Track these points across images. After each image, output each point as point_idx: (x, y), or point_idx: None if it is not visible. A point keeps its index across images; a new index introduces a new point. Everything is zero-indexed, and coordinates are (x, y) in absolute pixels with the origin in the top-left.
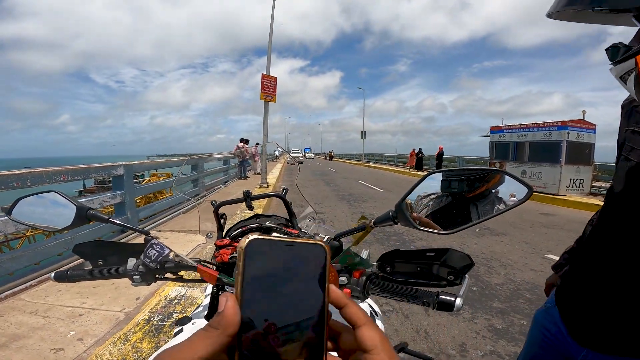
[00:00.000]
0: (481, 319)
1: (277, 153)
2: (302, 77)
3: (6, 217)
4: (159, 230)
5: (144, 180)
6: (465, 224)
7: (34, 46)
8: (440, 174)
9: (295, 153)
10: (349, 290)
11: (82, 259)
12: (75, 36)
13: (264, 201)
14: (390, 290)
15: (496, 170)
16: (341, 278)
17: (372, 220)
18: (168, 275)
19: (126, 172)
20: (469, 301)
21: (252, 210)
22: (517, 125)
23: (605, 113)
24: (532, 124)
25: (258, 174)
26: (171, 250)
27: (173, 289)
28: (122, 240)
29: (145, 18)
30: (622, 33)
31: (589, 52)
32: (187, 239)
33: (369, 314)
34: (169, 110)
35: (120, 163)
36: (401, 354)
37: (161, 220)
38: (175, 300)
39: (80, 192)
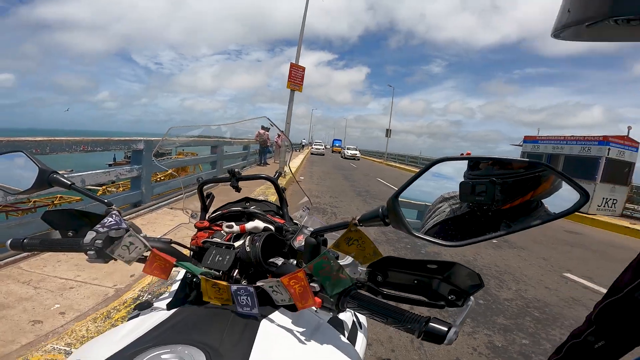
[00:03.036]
0: (482, 334)
1: (304, 142)
2: (328, 70)
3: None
4: (171, 208)
5: (171, 158)
6: (482, 235)
7: (79, 27)
8: (458, 167)
9: (317, 145)
10: (319, 300)
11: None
12: (116, 19)
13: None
14: (370, 306)
15: (542, 165)
16: (312, 285)
17: (358, 217)
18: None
19: (146, 147)
20: (472, 314)
21: (239, 191)
22: (554, 136)
23: None
24: (570, 136)
25: (277, 162)
26: (129, 228)
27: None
28: (128, 218)
29: (180, 4)
30: None
31: (633, 65)
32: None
33: (350, 325)
34: (200, 94)
35: (141, 138)
36: None
37: (175, 198)
38: (169, 281)
39: (109, 164)
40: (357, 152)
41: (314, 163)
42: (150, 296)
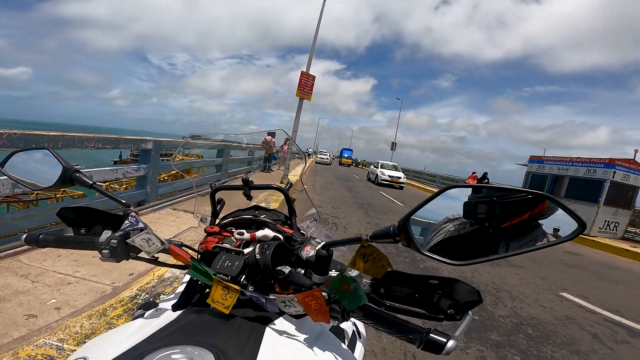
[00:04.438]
0: (474, 349)
1: (309, 151)
2: (334, 80)
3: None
4: (174, 209)
5: (173, 162)
6: (485, 256)
7: (97, 25)
8: (464, 191)
9: (322, 155)
10: (327, 309)
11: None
12: (133, 19)
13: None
14: (375, 317)
15: (541, 195)
16: (323, 294)
17: (369, 235)
18: (142, 255)
19: (154, 147)
20: (467, 330)
21: (250, 200)
22: (560, 157)
23: None
24: (577, 157)
25: (281, 169)
26: (146, 226)
27: (169, 270)
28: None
29: (196, 8)
30: None
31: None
32: (196, 222)
33: (350, 334)
34: (209, 96)
35: (150, 138)
36: None
37: (180, 199)
38: (168, 282)
39: (115, 161)
40: (402, 175)
41: (317, 173)
42: (148, 296)
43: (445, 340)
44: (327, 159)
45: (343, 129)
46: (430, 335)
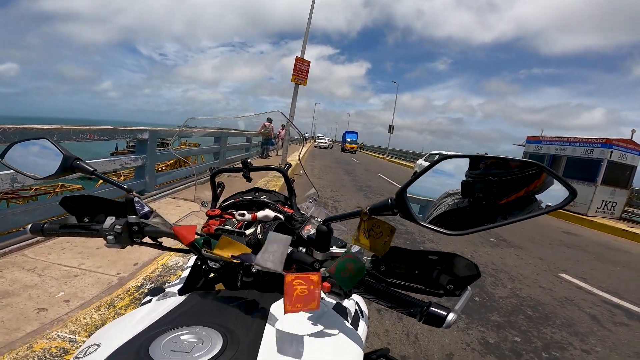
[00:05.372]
0: (475, 330)
1: (307, 136)
2: (328, 64)
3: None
4: (174, 198)
5: (177, 148)
6: (481, 225)
7: (82, 19)
8: (461, 167)
9: (321, 139)
10: (328, 285)
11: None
12: (117, 11)
13: (279, 180)
14: (376, 291)
15: (535, 164)
16: (322, 269)
17: (368, 207)
18: (146, 240)
19: (151, 137)
20: (467, 311)
21: (250, 181)
22: (558, 137)
23: None
24: (574, 138)
25: (279, 155)
26: (152, 210)
27: (172, 258)
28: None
29: None
30: None
31: (633, 67)
32: (197, 208)
33: (352, 314)
34: (203, 85)
35: (146, 128)
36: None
37: (178, 188)
38: (172, 270)
39: (112, 153)
40: (326, 141)
41: (315, 157)
42: (153, 285)
43: (445, 313)
44: (327, 142)
45: (339, 113)
46: (431, 308)
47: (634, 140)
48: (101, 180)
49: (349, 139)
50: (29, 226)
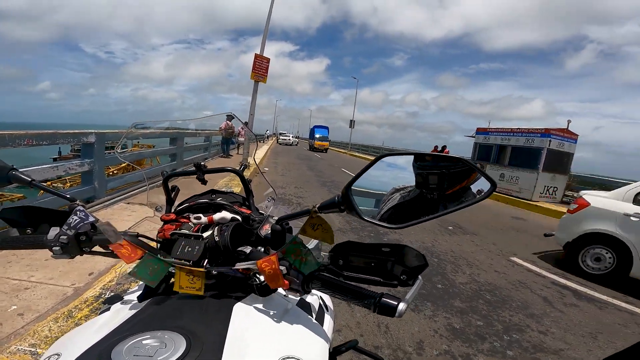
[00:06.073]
0: (441, 317)
1: (267, 134)
2: (288, 61)
3: None
4: (128, 203)
5: (128, 151)
6: (423, 217)
7: (8, 17)
8: (407, 161)
9: (284, 137)
10: (287, 282)
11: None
12: (51, 9)
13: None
14: (332, 286)
15: (463, 161)
16: (281, 267)
17: (317, 205)
18: (97, 249)
19: (98, 140)
20: (432, 298)
21: (205, 184)
22: (502, 128)
23: (587, 125)
24: (517, 129)
25: (241, 154)
26: (97, 220)
27: (130, 265)
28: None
29: None
30: (601, 40)
31: (567, 61)
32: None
33: (317, 307)
34: (156, 83)
35: (92, 130)
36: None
37: (131, 193)
38: (132, 278)
39: (54, 158)
40: (289, 137)
41: (278, 154)
42: (113, 293)
43: (396, 303)
44: (291, 139)
45: (300, 110)
46: (382, 299)
47: (570, 129)
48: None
49: (318, 135)
50: None
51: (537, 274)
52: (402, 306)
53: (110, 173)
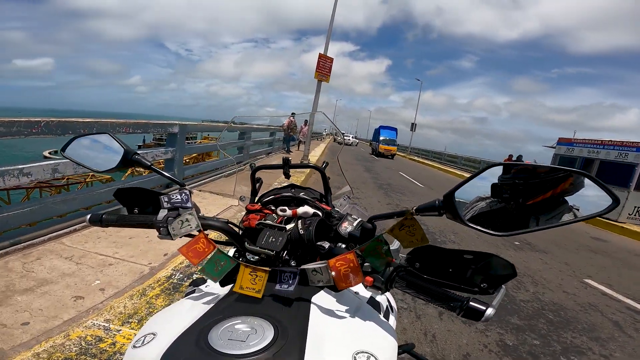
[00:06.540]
0: (494, 332)
1: (324, 132)
2: (347, 61)
3: (67, 160)
4: (200, 190)
5: (196, 142)
6: (523, 228)
7: (109, 15)
8: (494, 173)
9: (346, 136)
10: (371, 279)
11: (120, 205)
12: (142, 8)
13: (304, 175)
14: (417, 287)
15: (578, 172)
16: (366, 264)
17: (415, 207)
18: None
19: (180, 130)
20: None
21: (288, 178)
22: (591, 140)
23: None
24: (608, 141)
25: (301, 150)
26: (194, 205)
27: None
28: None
29: None
30: None
31: None
32: (224, 202)
33: (384, 308)
34: (225, 80)
35: (176, 122)
36: (405, 355)
37: (204, 181)
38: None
39: (139, 146)
40: (350, 137)
41: (335, 154)
42: (182, 275)
43: (484, 308)
44: (350, 140)
45: (359, 110)
46: (471, 303)
47: None
48: (129, 171)
49: (384, 138)
50: (88, 216)
51: (612, 298)
52: (490, 311)
53: (184, 162)
